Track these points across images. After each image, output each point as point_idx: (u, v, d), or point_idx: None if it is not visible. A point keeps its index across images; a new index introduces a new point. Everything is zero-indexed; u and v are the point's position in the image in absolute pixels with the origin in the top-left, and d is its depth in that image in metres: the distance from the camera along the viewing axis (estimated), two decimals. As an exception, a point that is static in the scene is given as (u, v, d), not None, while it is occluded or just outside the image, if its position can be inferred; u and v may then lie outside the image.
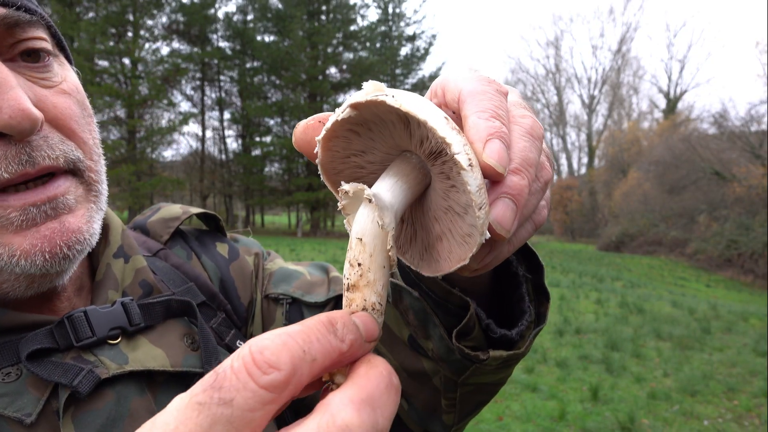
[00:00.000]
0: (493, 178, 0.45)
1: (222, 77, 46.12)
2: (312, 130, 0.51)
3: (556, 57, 61.34)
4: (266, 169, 45.77)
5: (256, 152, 45.47)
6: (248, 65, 45.71)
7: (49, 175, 0.67)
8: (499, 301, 0.74)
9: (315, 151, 0.50)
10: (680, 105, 53.62)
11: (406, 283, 0.72)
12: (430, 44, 48.24)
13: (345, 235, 40.40)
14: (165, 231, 0.97)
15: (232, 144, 49.06)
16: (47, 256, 0.65)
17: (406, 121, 0.45)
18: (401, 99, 0.43)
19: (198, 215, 1.02)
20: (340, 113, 0.46)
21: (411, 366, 0.79)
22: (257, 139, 45.93)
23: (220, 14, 45.76)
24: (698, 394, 6.79)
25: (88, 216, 0.71)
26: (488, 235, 0.44)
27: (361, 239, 0.42)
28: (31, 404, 0.64)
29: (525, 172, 0.46)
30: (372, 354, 0.39)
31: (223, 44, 45.07)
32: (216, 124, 47.33)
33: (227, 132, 47.95)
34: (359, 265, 0.41)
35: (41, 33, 0.71)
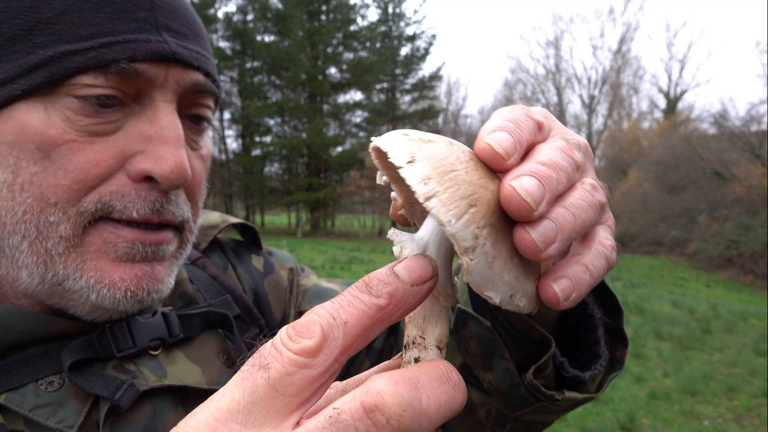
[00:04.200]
0: (493, 164, 0.41)
1: (222, 77, 46.07)
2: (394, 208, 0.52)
3: (556, 57, 61.33)
4: (266, 169, 45.78)
5: (256, 152, 45.48)
6: (248, 65, 45.70)
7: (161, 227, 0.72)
8: (565, 340, 0.73)
9: (399, 213, 0.51)
10: (680, 105, 53.56)
11: (477, 311, 0.70)
12: (430, 44, 48.21)
13: (344, 235, 40.64)
14: (203, 239, 0.97)
15: (232, 144, 49.06)
16: (129, 294, 0.68)
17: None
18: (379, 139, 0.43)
19: (235, 225, 1.02)
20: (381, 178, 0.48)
21: None
22: (257, 139, 45.95)
23: (220, 14, 45.59)
24: (698, 394, 6.80)
25: (171, 270, 0.75)
26: (453, 225, 0.37)
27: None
28: (73, 416, 0.66)
29: (549, 165, 0.41)
30: (439, 359, 0.39)
31: (223, 44, 45.04)
32: (216, 124, 47.27)
33: (227, 132, 47.98)
34: None
35: (211, 103, 0.79)
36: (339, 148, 44.54)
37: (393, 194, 0.49)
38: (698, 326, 10.55)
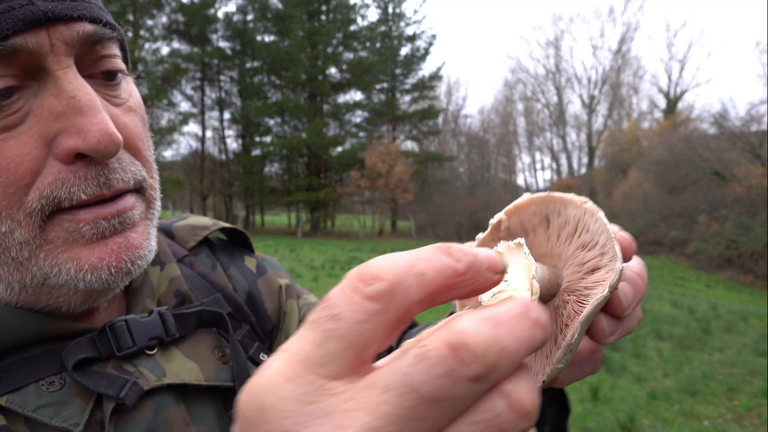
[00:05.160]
0: (628, 251, 0.50)
1: (222, 77, 46.13)
2: None
3: (556, 57, 61.28)
4: (266, 169, 45.77)
5: (256, 152, 45.47)
6: (248, 65, 45.71)
7: (118, 195, 0.69)
8: None
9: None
10: (680, 105, 53.50)
11: None
12: (430, 44, 48.24)
13: (344, 236, 40.59)
14: (192, 237, 0.97)
15: (232, 144, 49.05)
16: (113, 270, 0.66)
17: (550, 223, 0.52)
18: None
19: (226, 229, 1.02)
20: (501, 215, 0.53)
21: None
22: (257, 139, 45.95)
23: (220, 14, 45.77)
24: (698, 394, 6.80)
25: (147, 233, 0.73)
26: (620, 261, 0.45)
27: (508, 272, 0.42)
28: (77, 414, 0.65)
29: (642, 278, 0.51)
30: (519, 297, 0.38)
31: (223, 44, 45.07)
32: (216, 124, 47.33)
33: (227, 132, 47.97)
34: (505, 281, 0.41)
35: (116, 50, 0.72)
36: (339, 148, 44.57)
37: (495, 220, 0.53)
38: (698, 326, 10.54)
